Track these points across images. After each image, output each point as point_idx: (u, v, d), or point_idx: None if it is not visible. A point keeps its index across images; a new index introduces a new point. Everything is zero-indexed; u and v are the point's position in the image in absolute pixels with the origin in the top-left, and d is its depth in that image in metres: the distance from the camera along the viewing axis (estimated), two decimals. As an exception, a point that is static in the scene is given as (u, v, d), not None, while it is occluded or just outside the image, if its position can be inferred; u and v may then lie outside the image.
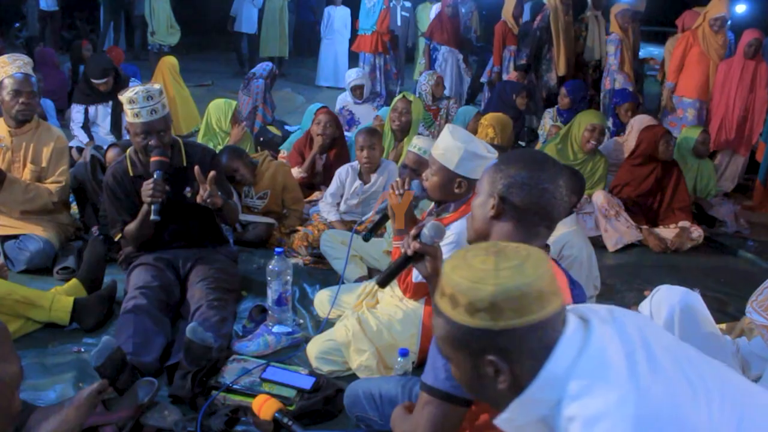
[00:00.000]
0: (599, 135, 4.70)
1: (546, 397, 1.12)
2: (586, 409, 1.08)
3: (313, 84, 10.82)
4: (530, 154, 1.65)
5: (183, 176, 3.06)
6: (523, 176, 1.56)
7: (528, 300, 1.09)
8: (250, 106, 6.41)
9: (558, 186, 1.56)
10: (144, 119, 2.91)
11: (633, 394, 1.07)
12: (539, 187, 1.55)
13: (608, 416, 1.06)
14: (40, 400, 2.37)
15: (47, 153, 3.52)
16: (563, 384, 1.10)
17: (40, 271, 3.42)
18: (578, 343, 1.13)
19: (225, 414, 2.29)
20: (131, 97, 2.89)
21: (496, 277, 1.11)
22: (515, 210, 1.57)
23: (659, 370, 1.11)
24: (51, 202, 3.54)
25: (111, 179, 3.09)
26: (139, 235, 3.06)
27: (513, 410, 1.15)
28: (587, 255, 2.95)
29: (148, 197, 2.88)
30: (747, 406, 1.15)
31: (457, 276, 1.14)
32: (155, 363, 2.56)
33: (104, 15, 11.11)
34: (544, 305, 1.11)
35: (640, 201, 4.63)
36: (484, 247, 1.18)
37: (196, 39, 12.61)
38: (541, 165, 1.58)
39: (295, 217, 4.20)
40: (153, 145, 2.94)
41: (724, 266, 4.29)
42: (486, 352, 1.12)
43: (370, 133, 4.06)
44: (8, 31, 11.75)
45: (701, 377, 1.14)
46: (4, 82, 3.40)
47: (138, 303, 2.77)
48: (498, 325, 1.10)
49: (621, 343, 1.14)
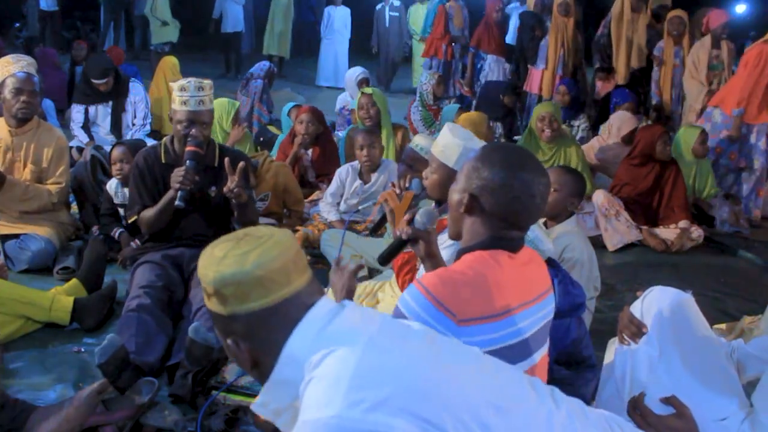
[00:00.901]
0: (551, 122, 4.81)
1: (290, 377, 1.16)
2: (320, 370, 1.12)
3: (313, 84, 10.83)
4: (511, 155, 1.59)
5: (212, 175, 3.09)
6: (496, 181, 1.54)
7: (247, 287, 1.15)
8: (249, 107, 6.43)
9: (530, 196, 1.54)
10: (191, 108, 2.96)
11: (362, 345, 1.13)
12: (510, 195, 1.53)
13: (334, 365, 1.11)
14: (40, 400, 2.37)
15: (48, 154, 3.52)
16: (304, 361, 1.14)
17: (40, 271, 3.42)
18: (321, 323, 1.17)
19: (225, 414, 2.29)
20: (183, 84, 2.97)
21: (218, 265, 1.17)
22: (484, 212, 1.57)
23: (399, 338, 1.19)
24: (51, 202, 3.54)
25: (142, 161, 3.11)
26: (157, 220, 3.06)
27: (265, 394, 1.21)
28: (588, 257, 2.95)
29: (177, 183, 2.91)
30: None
31: (200, 260, 1.22)
32: (157, 363, 2.55)
33: (104, 15, 11.12)
34: (267, 293, 1.16)
35: (640, 200, 4.63)
36: (234, 234, 1.24)
37: (197, 39, 12.62)
38: (518, 169, 1.54)
39: (296, 217, 4.20)
40: (192, 135, 2.98)
41: (724, 266, 4.29)
42: (227, 334, 1.20)
43: (370, 132, 4.06)
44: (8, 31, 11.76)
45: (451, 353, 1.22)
46: (5, 81, 3.41)
47: (142, 302, 2.77)
48: (226, 310, 1.18)
49: (367, 320, 1.20)
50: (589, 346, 2.44)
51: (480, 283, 1.50)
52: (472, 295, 1.48)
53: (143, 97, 5.37)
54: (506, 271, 1.54)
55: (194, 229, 3.14)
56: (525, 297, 1.57)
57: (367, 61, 9.14)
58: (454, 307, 1.45)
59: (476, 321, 1.46)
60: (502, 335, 1.50)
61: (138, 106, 5.32)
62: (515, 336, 1.52)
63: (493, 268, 1.53)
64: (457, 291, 1.47)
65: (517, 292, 1.55)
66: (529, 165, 1.57)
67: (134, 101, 5.30)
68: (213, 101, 3.09)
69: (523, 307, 1.55)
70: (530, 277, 1.62)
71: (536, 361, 1.61)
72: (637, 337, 1.95)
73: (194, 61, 11.07)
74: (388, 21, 9.94)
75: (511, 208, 1.54)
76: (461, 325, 1.44)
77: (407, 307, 1.47)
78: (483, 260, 1.54)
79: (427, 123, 5.81)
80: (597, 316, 3.08)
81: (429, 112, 5.84)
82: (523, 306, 1.55)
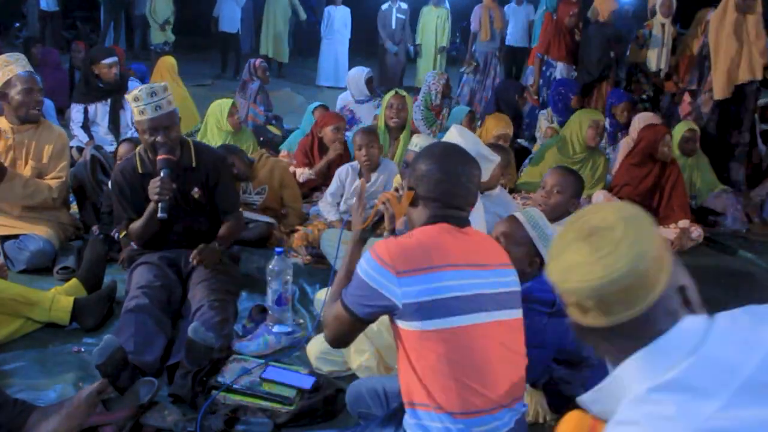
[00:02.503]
0: (602, 130, 4.93)
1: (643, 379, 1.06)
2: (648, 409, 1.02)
3: (313, 84, 10.82)
4: (436, 149, 1.90)
5: (191, 176, 3.07)
6: (424, 170, 1.83)
7: (633, 287, 1.05)
8: (246, 108, 6.44)
9: (455, 176, 1.80)
10: (149, 116, 2.91)
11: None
12: (435, 178, 1.80)
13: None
14: (40, 400, 2.36)
15: (49, 151, 3.53)
16: (663, 371, 1.04)
17: (40, 271, 3.42)
18: (694, 339, 1.05)
19: (225, 414, 2.29)
20: (136, 95, 2.91)
21: (588, 272, 1.06)
22: (422, 198, 1.83)
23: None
24: (51, 197, 3.54)
25: (119, 176, 3.09)
26: (144, 233, 3.05)
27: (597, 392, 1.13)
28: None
29: (155, 195, 2.88)
30: None
31: (551, 275, 1.12)
32: (156, 362, 2.55)
33: (104, 15, 11.12)
34: (654, 285, 1.06)
35: (640, 201, 4.63)
36: (571, 234, 1.12)
37: (197, 39, 12.63)
38: (439, 159, 1.83)
39: (294, 215, 4.20)
40: (160, 142, 2.93)
41: (724, 266, 4.29)
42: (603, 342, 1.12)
43: (368, 132, 4.06)
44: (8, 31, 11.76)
45: None
46: (11, 81, 3.41)
47: (140, 302, 2.77)
48: (608, 320, 1.08)
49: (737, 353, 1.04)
50: (588, 346, 2.44)
51: (419, 243, 1.74)
52: (409, 251, 1.71)
53: None
54: (448, 236, 1.77)
55: (187, 231, 3.14)
56: (471, 259, 1.76)
57: (367, 61, 9.14)
58: (393, 260, 1.68)
59: (413, 272, 1.67)
60: (442, 286, 1.68)
61: None
62: (460, 290, 1.70)
63: (433, 233, 1.77)
64: (397, 248, 1.71)
65: (460, 253, 1.75)
66: (453, 154, 1.86)
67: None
68: (172, 103, 2.97)
69: (469, 267, 1.74)
70: (477, 246, 1.81)
71: (499, 318, 1.75)
72: None
73: (194, 61, 11.08)
74: (395, 23, 9.91)
75: (438, 189, 1.80)
76: (400, 276, 1.67)
77: (360, 267, 1.75)
78: (425, 229, 1.80)
79: (428, 123, 5.82)
80: (597, 316, 3.07)
81: (431, 112, 5.84)
82: (469, 266, 1.74)
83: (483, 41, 8.55)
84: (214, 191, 3.15)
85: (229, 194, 3.22)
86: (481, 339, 1.70)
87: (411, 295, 1.66)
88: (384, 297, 1.68)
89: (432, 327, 1.67)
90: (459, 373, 1.66)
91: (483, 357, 1.70)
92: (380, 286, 1.68)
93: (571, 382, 2.35)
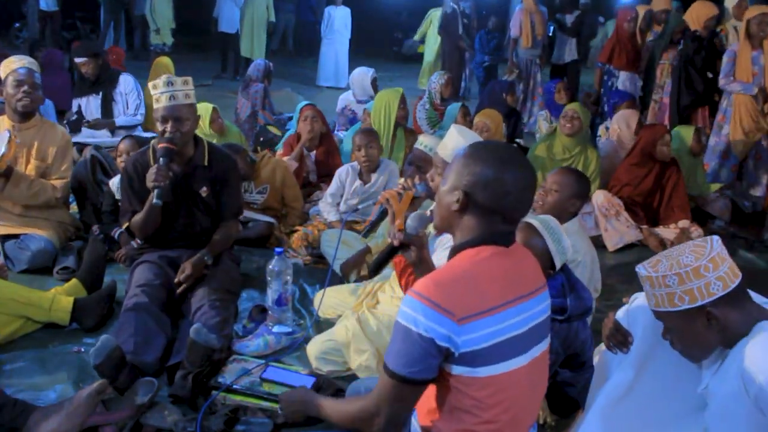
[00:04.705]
0: (572, 119, 4.82)
1: None
2: None
3: (313, 84, 10.82)
4: (499, 151, 1.60)
5: (201, 174, 3.08)
6: (488, 175, 1.54)
7: None
8: (249, 110, 6.43)
9: (522, 189, 1.56)
10: (162, 104, 2.93)
11: None
12: (502, 190, 1.53)
13: None
14: (40, 400, 2.37)
15: (53, 151, 3.55)
16: None
17: (40, 271, 3.42)
18: None
19: (225, 414, 2.29)
20: (155, 83, 2.94)
21: None
22: (478, 207, 1.56)
23: None
24: (55, 197, 3.55)
25: (131, 167, 3.10)
26: (145, 224, 3.05)
27: None
28: (591, 258, 2.95)
29: (151, 181, 2.89)
30: None
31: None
32: (156, 362, 2.55)
33: (104, 15, 11.11)
34: None
35: (640, 201, 4.63)
36: None
37: (197, 39, 12.63)
38: (507, 165, 1.55)
39: (294, 215, 4.20)
40: (169, 131, 2.94)
41: (723, 266, 4.28)
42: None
43: (367, 132, 4.06)
44: (8, 32, 11.76)
45: None
46: (7, 78, 3.44)
47: (139, 301, 2.77)
48: None
49: None
50: (591, 348, 2.44)
51: (473, 280, 1.50)
52: (466, 292, 1.48)
53: (134, 88, 5.35)
54: (499, 265, 1.55)
55: (189, 229, 3.14)
56: (521, 290, 1.57)
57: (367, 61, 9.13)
58: (452, 306, 1.44)
59: (475, 317, 1.46)
60: (501, 328, 1.50)
61: (129, 97, 5.32)
62: (514, 329, 1.53)
63: (484, 264, 1.53)
64: (451, 290, 1.47)
65: (512, 286, 1.55)
66: (518, 160, 1.58)
67: (124, 92, 5.31)
68: (190, 97, 2.98)
69: (519, 300, 1.55)
70: (525, 271, 1.62)
71: (536, 355, 1.61)
72: (624, 347, 1.91)
73: (194, 61, 11.07)
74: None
75: (503, 202, 1.54)
76: (462, 324, 1.44)
77: (407, 317, 1.47)
78: (474, 257, 1.54)
79: (431, 122, 5.82)
80: (597, 316, 3.06)
81: (435, 112, 5.85)
82: (519, 299, 1.55)
83: (524, 48, 8.11)
84: (221, 193, 3.15)
85: (234, 199, 3.23)
86: (516, 387, 1.56)
87: (472, 343, 1.46)
88: (442, 349, 1.46)
89: (486, 374, 1.50)
90: (489, 416, 1.53)
91: (513, 404, 1.57)
92: (440, 337, 1.44)
93: (574, 385, 2.36)
